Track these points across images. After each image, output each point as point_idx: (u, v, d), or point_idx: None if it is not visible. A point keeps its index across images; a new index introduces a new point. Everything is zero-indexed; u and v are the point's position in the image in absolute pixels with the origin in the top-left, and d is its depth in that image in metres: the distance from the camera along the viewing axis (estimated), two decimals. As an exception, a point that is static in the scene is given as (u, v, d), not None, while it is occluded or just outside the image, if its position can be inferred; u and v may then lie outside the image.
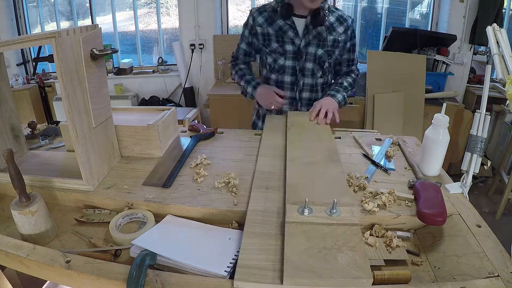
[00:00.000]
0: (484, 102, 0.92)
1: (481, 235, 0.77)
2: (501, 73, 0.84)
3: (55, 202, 0.99)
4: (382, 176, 1.06)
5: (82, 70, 0.93)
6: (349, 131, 1.41)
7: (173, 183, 1.01)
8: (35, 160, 1.15)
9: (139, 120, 1.23)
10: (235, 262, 0.73)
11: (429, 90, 2.92)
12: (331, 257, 0.65)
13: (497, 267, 0.68)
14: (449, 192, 0.96)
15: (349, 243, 0.69)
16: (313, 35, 1.41)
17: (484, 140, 0.95)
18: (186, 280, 0.66)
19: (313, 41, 1.42)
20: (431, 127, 1.03)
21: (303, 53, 1.43)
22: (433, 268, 0.77)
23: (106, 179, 1.04)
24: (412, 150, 1.22)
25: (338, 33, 1.43)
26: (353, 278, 0.61)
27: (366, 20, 3.51)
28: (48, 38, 0.82)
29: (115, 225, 0.85)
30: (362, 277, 0.61)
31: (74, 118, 0.90)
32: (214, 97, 2.93)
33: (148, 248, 0.75)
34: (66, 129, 1.18)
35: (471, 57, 3.14)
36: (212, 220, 0.90)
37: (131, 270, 0.66)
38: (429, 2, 3.28)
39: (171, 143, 1.28)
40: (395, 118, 2.82)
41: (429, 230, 0.86)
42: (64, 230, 0.89)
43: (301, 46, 1.42)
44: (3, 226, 0.90)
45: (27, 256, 0.72)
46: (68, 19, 3.71)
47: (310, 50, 1.43)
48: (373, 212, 0.85)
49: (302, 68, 1.46)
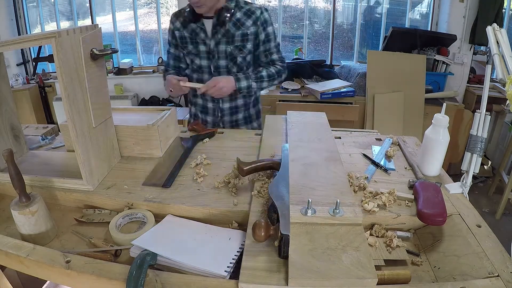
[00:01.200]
0: (484, 102, 0.92)
1: (481, 235, 0.77)
2: (501, 73, 0.84)
3: (55, 202, 0.99)
4: (382, 176, 1.06)
5: (82, 70, 0.93)
6: (349, 131, 1.41)
7: (173, 183, 1.01)
8: (35, 160, 1.15)
9: (139, 120, 1.23)
10: (235, 262, 0.73)
11: (429, 90, 2.92)
12: (336, 257, 0.65)
13: (497, 267, 0.68)
14: (449, 192, 0.96)
15: (353, 243, 0.69)
16: (221, 33, 1.46)
17: (484, 140, 0.95)
18: (186, 280, 0.66)
19: (222, 39, 1.47)
20: (431, 127, 1.03)
21: (215, 52, 1.49)
22: (433, 268, 0.77)
23: (106, 179, 1.04)
24: (412, 150, 1.22)
25: (246, 27, 1.46)
26: (358, 278, 0.61)
27: (366, 20, 3.51)
28: (48, 38, 0.82)
29: (115, 225, 0.85)
30: (367, 277, 0.61)
31: (74, 118, 0.90)
32: (214, 97, 2.94)
33: (148, 248, 0.75)
34: (66, 129, 1.18)
35: (471, 57, 3.14)
36: (212, 220, 0.90)
37: (131, 270, 0.66)
38: (429, 2, 3.28)
39: (171, 143, 1.28)
40: (395, 118, 2.82)
41: (429, 230, 0.86)
42: (64, 230, 0.89)
43: (212, 45, 1.48)
44: (3, 226, 0.90)
45: (27, 256, 0.72)
46: (68, 19, 3.71)
47: (220, 48, 1.48)
48: (373, 212, 0.85)
49: (216, 66, 1.51)
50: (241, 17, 1.46)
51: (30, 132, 1.45)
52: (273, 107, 2.83)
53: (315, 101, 2.80)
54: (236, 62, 1.51)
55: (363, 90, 2.84)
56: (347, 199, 0.80)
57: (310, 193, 0.83)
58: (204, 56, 1.51)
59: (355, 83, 2.86)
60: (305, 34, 3.55)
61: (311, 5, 3.51)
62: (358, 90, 2.84)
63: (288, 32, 3.66)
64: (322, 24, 3.59)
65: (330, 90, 2.76)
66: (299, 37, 3.64)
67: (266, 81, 1.52)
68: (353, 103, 2.80)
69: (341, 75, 3.15)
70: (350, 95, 2.79)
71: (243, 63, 1.53)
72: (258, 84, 1.49)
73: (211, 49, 1.48)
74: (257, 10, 1.48)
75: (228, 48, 1.47)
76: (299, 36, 3.63)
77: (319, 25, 3.61)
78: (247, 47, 1.49)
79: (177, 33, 1.53)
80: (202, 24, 1.46)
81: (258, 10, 1.48)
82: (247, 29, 1.46)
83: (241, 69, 1.53)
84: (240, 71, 1.52)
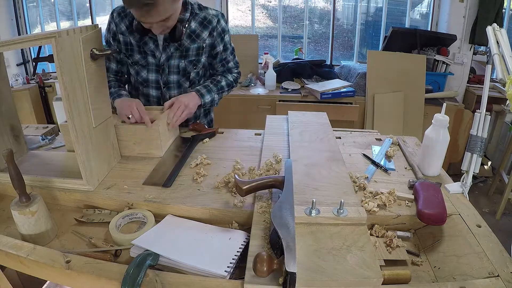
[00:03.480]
0: (484, 102, 0.92)
1: (481, 235, 0.77)
2: (501, 73, 0.84)
3: (55, 202, 0.99)
4: (382, 176, 1.06)
5: (82, 70, 0.93)
6: (349, 131, 1.41)
7: (173, 183, 1.01)
8: (35, 160, 1.15)
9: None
10: (235, 262, 0.73)
11: (429, 90, 2.92)
12: (341, 257, 0.65)
13: (497, 267, 0.68)
14: (449, 192, 0.96)
15: (357, 243, 0.69)
16: (174, 47, 1.31)
17: (484, 140, 0.95)
18: (186, 280, 0.66)
19: (175, 53, 1.32)
20: (431, 127, 1.03)
21: (165, 66, 1.34)
22: (433, 268, 0.77)
23: (106, 179, 1.04)
24: (412, 150, 1.22)
25: (202, 39, 1.33)
26: (364, 278, 0.61)
27: (366, 20, 3.51)
28: (48, 38, 0.82)
29: (115, 225, 0.85)
30: (373, 277, 0.61)
31: (74, 118, 0.90)
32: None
33: (148, 248, 0.75)
34: (66, 129, 1.18)
35: (471, 57, 3.14)
36: (212, 220, 0.90)
37: (128, 269, 0.66)
38: (429, 2, 3.28)
39: (171, 143, 1.28)
40: (395, 118, 2.82)
41: (429, 230, 0.86)
42: (64, 230, 0.89)
43: (162, 59, 1.32)
44: (3, 226, 0.90)
45: (27, 256, 0.72)
46: (68, 19, 3.71)
47: (172, 63, 1.33)
48: (373, 212, 0.85)
49: (166, 81, 1.37)
50: (196, 28, 1.31)
51: (30, 132, 1.45)
52: (273, 107, 2.83)
53: (315, 101, 2.80)
54: (189, 77, 1.39)
55: (363, 90, 2.84)
56: (350, 199, 0.80)
57: (313, 193, 0.83)
58: (152, 69, 1.35)
59: (355, 83, 2.86)
60: (305, 34, 3.55)
61: (311, 5, 3.51)
62: (358, 90, 2.84)
63: (288, 32, 3.65)
64: (322, 24, 3.59)
65: (330, 90, 2.76)
66: (299, 37, 3.64)
67: (226, 90, 1.45)
68: (353, 103, 2.80)
69: (341, 75, 3.15)
70: (350, 95, 2.79)
71: (196, 77, 1.41)
72: (219, 96, 1.42)
73: (161, 62, 1.33)
74: (214, 19, 1.33)
75: (182, 63, 1.33)
76: (299, 36, 3.63)
77: (319, 25, 3.61)
78: (201, 61, 1.37)
79: (121, 37, 1.32)
80: (153, 34, 1.25)
81: (215, 18, 1.33)
82: (203, 42, 1.33)
83: (193, 83, 1.41)
84: (191, 85, 1.41)
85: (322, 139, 1.17)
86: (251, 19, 3.58)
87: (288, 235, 0.67)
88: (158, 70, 1.35)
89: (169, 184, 1.00)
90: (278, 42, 3.60)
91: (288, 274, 0.60)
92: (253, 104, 2.87)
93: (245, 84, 3.03)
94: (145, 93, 1.42)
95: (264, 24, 3.70)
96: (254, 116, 2.86)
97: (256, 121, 2.74)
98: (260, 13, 3.67)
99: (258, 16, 3.64)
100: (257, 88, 3.02)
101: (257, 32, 3.61)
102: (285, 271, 0.60)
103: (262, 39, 3.62)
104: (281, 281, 0.62)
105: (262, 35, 3.63)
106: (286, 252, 0.62)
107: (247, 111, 2.89)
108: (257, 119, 2.72)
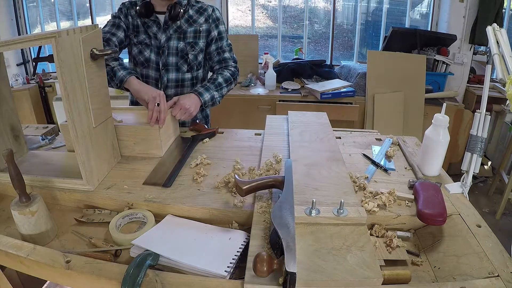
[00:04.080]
0: (484, 102, 0.92)
1: (481, 235, 0.77)
2: (501, 73, 0.84)
3: (55, 202, 0.99)
4: (382, 176, 1.06)
5: (82, 70, 0.93)
6: (349, 131, 1.41)
7: (173, 183, 1.01)
8: (35, 160, 1.15)
9: (139, 120, 1.23)
10: (235, 262, 0.73)
11: (429, 90, 2.92)
12: (341, 257, 0.65)
13: (497, 267, 0.68)
14: (449, 192, 0.96)
15: (357, 243, 0.69)
16: (173, 29, 1.43)
17: (484, 140, 0.95)
18: (186, 280, 0.66)
19: (174, 35, 1.44)
20: (431, 127, 1.03)
21: (165, 47, 1.44)
22: (433, 268, 0.77)
23: (106, 179, 1.04)
24: (412, 150, 1.22)
25: (199, 24, 1.46)
26: (364, 278, 0.61)
27: (366, 20, 3.51)
28: (48, 38, 0.82)
29: (115, 225, 0.85)
30: (373, 277, 0.61)
31: (74, 118, 0.90)
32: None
33: (148, 248, 0.75)
34: (66, 129, 1.18)
35: (471, 57, 3.14)
36: (212, 220, 0.90)
37: (128, 269, 0.66)
38: (429, 2, 3.28)
39: (171, 143, 1.28)
40: (395, 118, 2.82)
41: (429, 230, 0.86)
42: (64, 230, 0.89)
43: (162, 41, 1.43)
44: (3, 226, 0.90)
45: (27, 256, 0.72)
46: (68, 19, 3.71)
47: (171, 44, 1.45)
48: (373, 212, 0.85)
49: (165, 63, 1.46)
50: (193, 14, 1.46)
51: (30, 132, 1.45)
52: (273, 107, 2.83)
53: (315, 101, 2.80)
54: (187, 60, 1.47)
55: (363, 90, 2.84)
56: (350, 199, 0.80)
57: (313, 193, 0.83)
58: (154, 50, 1.46)
59: (355, 83, 2.86)
60: (305, 34, 3.55)
61: (311, 5, 3.51)
62: (358, 90, 2.84)
63: (288, 32, 3.66)
64: (322, 24, 3.59)
65: (330, 90, 2.76)
66: (299, 37, 3.64)
67: (225, 86, 1.48)
68: (353, 103, 2.80)
69: (341, 75, 3.15)
70: (350, 95, 2.79)
71: (194, 61, 1.49)
72: (219, 93, 1.46)
73: (162, 44, 1.44)
74: (209, 8, 1.49)
75: (180, 44, 1.45)
76: (299, 36, 3.63)
77: (319, 25, 3.61)
78: (199, 44, 1.47)
79: (130, 19, 1.46)
80: (156, 17, 1.42)
81: (210, 8, 1.49)
82: (200, 26, 1.46)
83: (192, 68, 1.49)
84: (190, 70, 1.49)
85: (322, 139, 1.17)
86: (251, 19, 3.58)
87: (288, 235, 0.67)
88: (159, 52, 1.45)
89: (169, 184, 1.00)
90: (278, 42, 3.60)
91: (288, 274, 0.59)
92: (253, 104, 2.88)
93: (245, 84, 3.02)
94: (145, 73, 1.50)
95: (264, 24, 3.70)
96: (254, 116, 2.86)
97: (256, 121, 2.74)
98: (260, 13, 3.67)
99: (258, 16, 3.64)
100: (257, 88, 3.02)
101: (257, 32, 3.61)
102: (285, 271, 0.60)
103: (262, 39, 3.62)
104: (281, 281, 0.62)
105: (262, 35, 3.63)
106: (286, 252, 0.62)
107: (247, 111, 2.89)
108: (257, 119, 2.72)
